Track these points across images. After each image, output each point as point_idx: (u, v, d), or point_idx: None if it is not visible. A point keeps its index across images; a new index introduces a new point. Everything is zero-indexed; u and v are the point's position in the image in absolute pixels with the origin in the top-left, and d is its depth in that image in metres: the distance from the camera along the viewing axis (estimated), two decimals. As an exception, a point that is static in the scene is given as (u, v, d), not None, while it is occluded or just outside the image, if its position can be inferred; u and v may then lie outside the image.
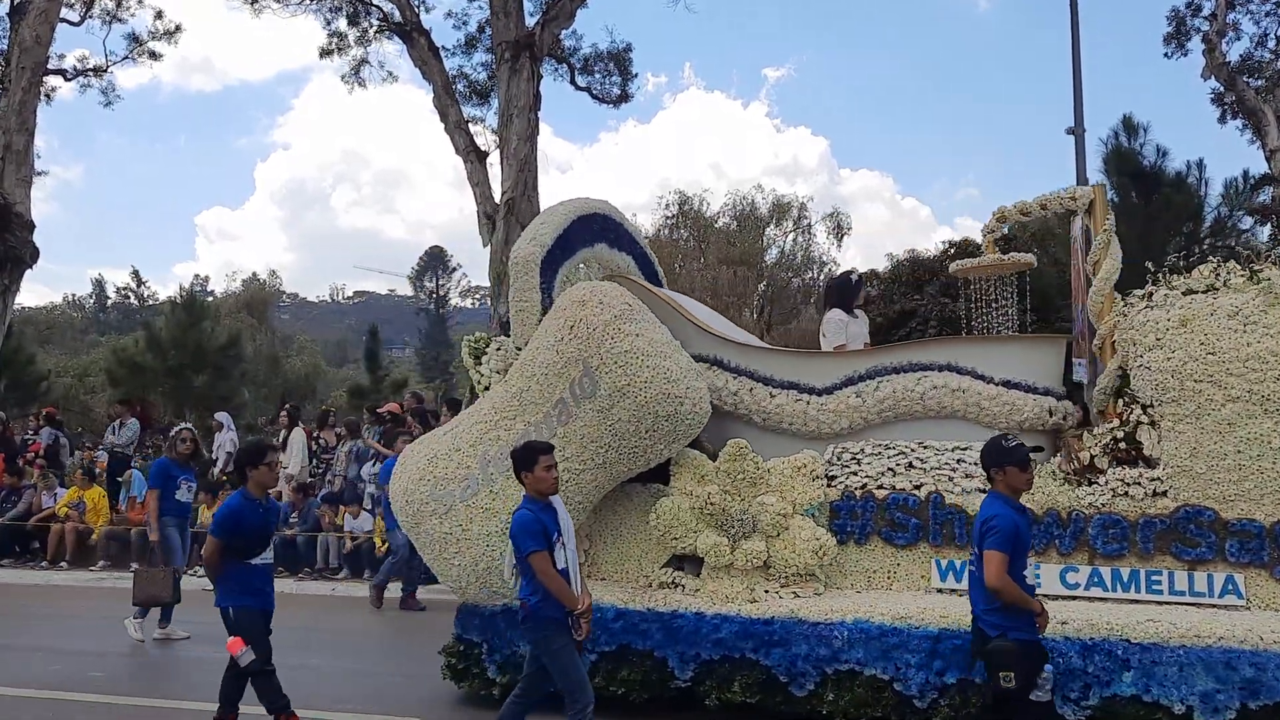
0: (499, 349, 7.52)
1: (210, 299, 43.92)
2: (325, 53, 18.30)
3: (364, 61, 18.57)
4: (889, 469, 6.96)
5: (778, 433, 7.19)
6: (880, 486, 6.91)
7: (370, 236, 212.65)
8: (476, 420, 7.12)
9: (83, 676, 8.10)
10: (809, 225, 31.12)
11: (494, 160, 15.51)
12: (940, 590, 6.65)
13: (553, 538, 5.43)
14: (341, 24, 18.23)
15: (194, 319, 25.09)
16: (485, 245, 15.16)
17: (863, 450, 7.05)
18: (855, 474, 7.00)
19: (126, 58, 20.90)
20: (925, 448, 6.98)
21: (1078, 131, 14.84)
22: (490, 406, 7.11)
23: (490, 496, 6.74)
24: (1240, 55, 22.64)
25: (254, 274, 51.38)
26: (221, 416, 17.06)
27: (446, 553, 6.83)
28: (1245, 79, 21.63)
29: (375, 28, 18.02)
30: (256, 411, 25.09)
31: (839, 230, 31.19)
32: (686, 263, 30.58)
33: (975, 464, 6.42)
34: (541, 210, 8.25)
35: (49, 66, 17.92)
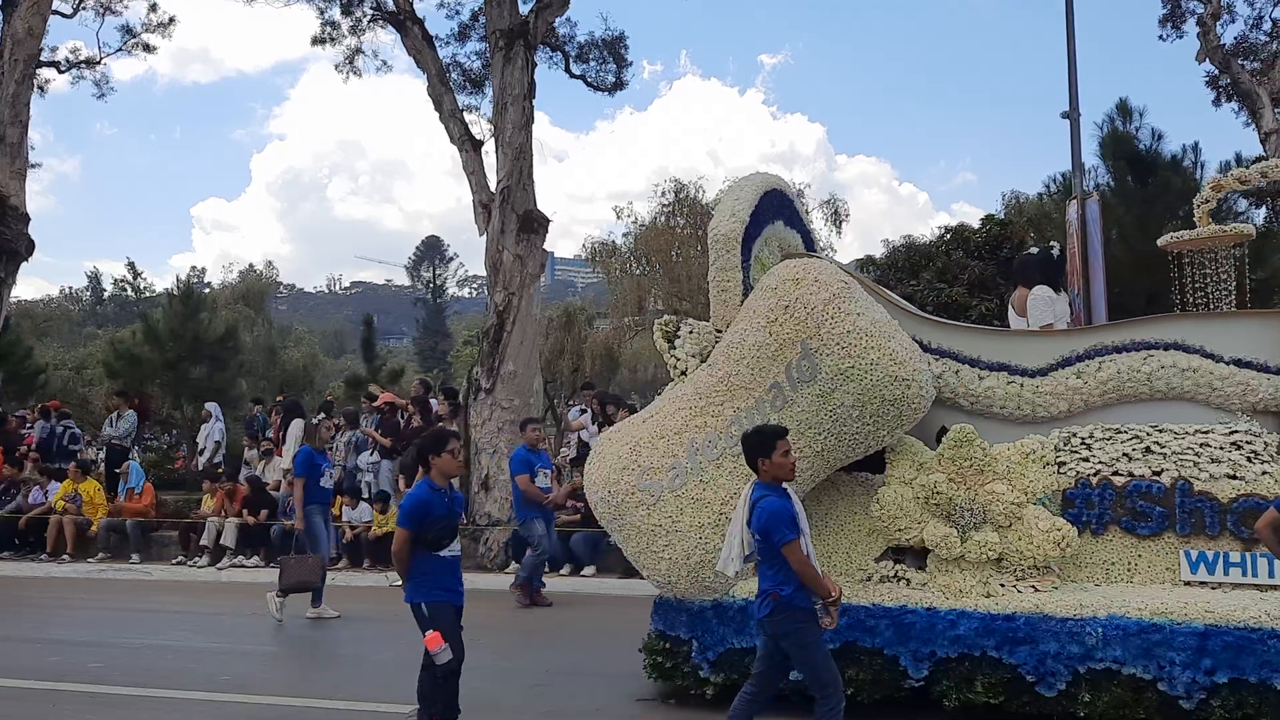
0: (692, 331, 7.15)
1: (207, 291, 43.85)
2: (318, 41, 18.22)
3: (358, 51, 18.51)
4: (1124, 454, 6.50)
5: (986, 417, 6.77)
6: (1116, 473, 6.47)
7: (367, 227, 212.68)
8: (679, 406, 6.75)
9: (82, 667, 8.13)
10: (806, 212, 31.06)
11: (489, 149, 15.47)
12: (1189, 583, 6.25)
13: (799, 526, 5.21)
14: (335, 13, 18.16)
15: (191, 311, 25.06)
16: (481, 234, 15.13)
17: (1092, 435, 6.62)
18: (1086, 460, 6.56)
19: (120, 50, 20.83)
20: (1162, 431, 6.53)
21: (1073, 116, 14.79)
22: (693, 391, 6.73)
23: (700, 486, 6.43)
24: (1235, 38, 22.61)
25: (250, 265, 51.32)
26: (211, 407, 17.08)
27: (655, 545, 6.49)
28: (1240, 61, 21.59)
29: (369, 17, 17.96)
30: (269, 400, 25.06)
31: (836, 217, 31.14)
32: (684, 250, 30.53)
33: (1221, 448, 6.28)
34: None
35: (42, 59, 17.85)
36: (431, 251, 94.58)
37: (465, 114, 16.35)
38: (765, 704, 5.41)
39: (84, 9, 19.75)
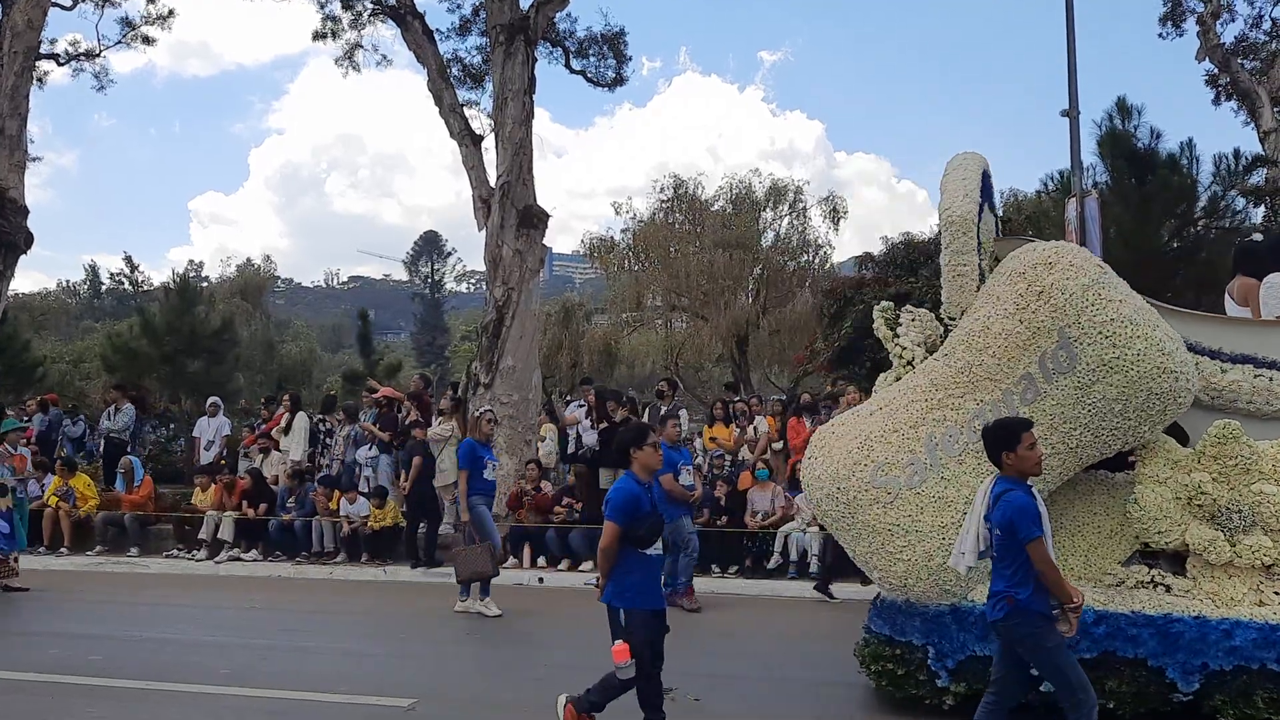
0: (914, 319, 6.88)
1: (205, 285, 43.81)
2: (319, 36, 18.20)
3: (358, 46, 18.48)
4: None
5: (1229, 412, 6.31)
6: None
7: (366, 222, 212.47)
8: (913, 398, 6.39)
9: (82, 660, 8.14)
10: (805, 209, 31.07)
11: (489, 144, 15.47)
12: None
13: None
14: (336, 7, 18.14)
15: (187, 305, 25.03)
16: (481, 229, 15.13)
17: None
18: None
19: (120, 42, 20.79)
20: None
21: (1072, 114, 14.78)
22: (928, 383, 6.38)
23: (941, 484, 6.13)
24: (1235, 37, 22.65)
25: (248, 259, 51.24)
26: (214, 401, 17.07)
27: (891, 546, 6.17)
28: (1240, 60, 21.62)
29: (369, 11, 17.93)
30: (253, 397, 25.07)
31: (835, 214, 31.12)
32: (682, 246, 30.52)
33: None
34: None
35: (41, 51, 17.82)
36: (430, 246, 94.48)
37: (465, 109, 16.36)
38: (1008, 712, 5.16)
39: (84, 1, 19.72)
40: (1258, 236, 9.18)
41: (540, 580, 12.27)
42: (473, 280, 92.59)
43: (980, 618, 5.93)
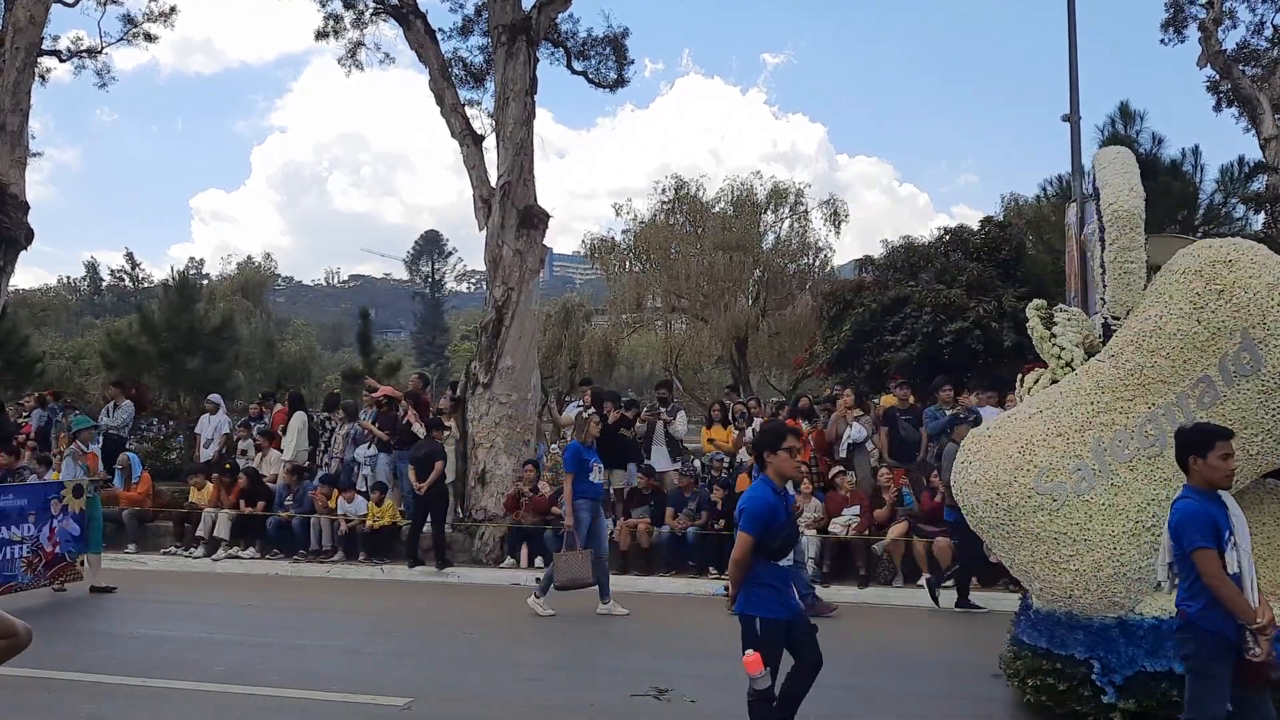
0: (1070, 318, 6.65)
1: (205, 282, 43.81)
2: (321, 35, 18.18)
3: (360, 44, 18.47)
4: None
5: None
6: None
7: (367, 220, 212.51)
8: (1077, 400, 6.13)
9: (77, 656, 8.12)
10: (806, 211, 31.04)
11: (490, 144, 15.46)
12: None
13: (1224, 536, 4.63)
14: (338, 6, 18.12)
15: (186, 301, 25.04)
16: (481, 229, 15.12)
17: None
18: None
19: (122, 39, 20.80)
20: None
21: (1073, 119, 14.79)
22: (1093, 385, 6.11)
23: (1111, 491, 5.87)
24: (1237, 43, 22.67)
25: (249, 257, 51.21)
26: (215, 399, 17.06)
27: (1057, 555, 5.92)
28: (1241, 67, 21.64)
29: (371, 10, 17.92)
30: (252, 395, 25.06)
31: (835, 217, 31.09)
32: (683, 247, 30.50)
33: None
34: (1107, 163, 6.93)
35: (43, 47, 17.82)
36: (430, 246, 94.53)
37: (467, 108, 16.34)
38: None
39: (86, -2, 19.71)
40: None
41: (537, 580, 12.25)
42: (473, 280, 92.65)
43: (1151, 631, 5.78)
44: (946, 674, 7.79)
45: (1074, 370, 6.44)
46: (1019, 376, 7.51)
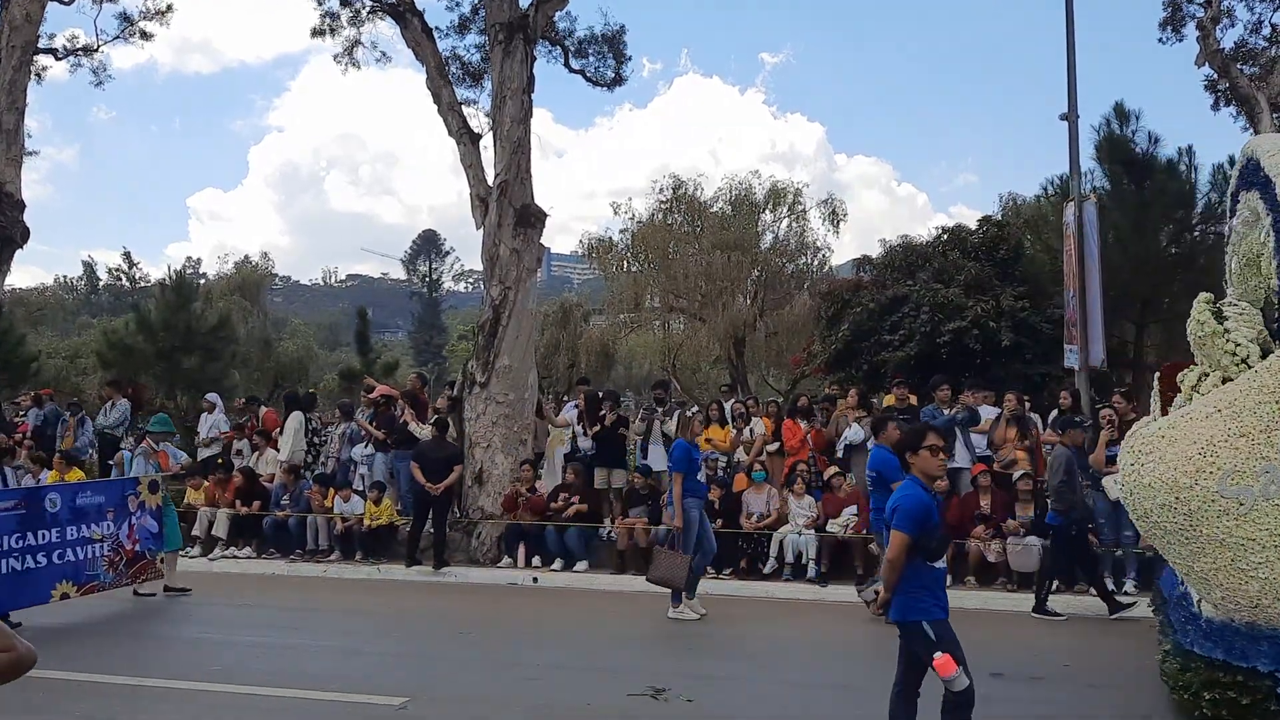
0: (1241, 313, 6.39)
1: (202, 281, 43.74)
2: (318, 33, 18.14)
3: (357, 43, 18.42)
4: None
5: None
6: None
7: (365, 220, 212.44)
8: (1260, 399, 5.83)
9: (73, 655, 8.10)
10: (804, 211, 31.02)
11: (487, 143, 15.43)
12: None
13: None
14: (335, 4, 18.08)
15: (183, 301, 24.97)
16: (478, 228, 15.09)
17: None
18: None
19: (118, 37, 20.73)
20: None
21: (1071, 118, 14.80)
22: (1277, 383, 5.80)
23: None
24: (1234, 42, 22.62)
25: (246, 256, 51.05)
26: (212, 398, 17.04)
27: (1244, 562, 5.66)
28: (1239, 66, 21.61)
29: (368, 8, 17.88)
30: (249, 394, 25.03)
31: (834, 217, 31.07)
32: (681, 247, 30.48)
33: None
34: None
35: (39, 45, 17.77)
36: (428, 245, 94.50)
37: (464, 107, 16.28)
38: None
39: (82, -4, 19.66)
40: None
41: (534, 580, 12.25)
42: (471, 280, 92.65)
43: None
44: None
45: (1250, 367, 6.14)
46: (1156, 375, 7.22)
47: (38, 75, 19.37)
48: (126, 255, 59.01)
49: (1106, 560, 10.60)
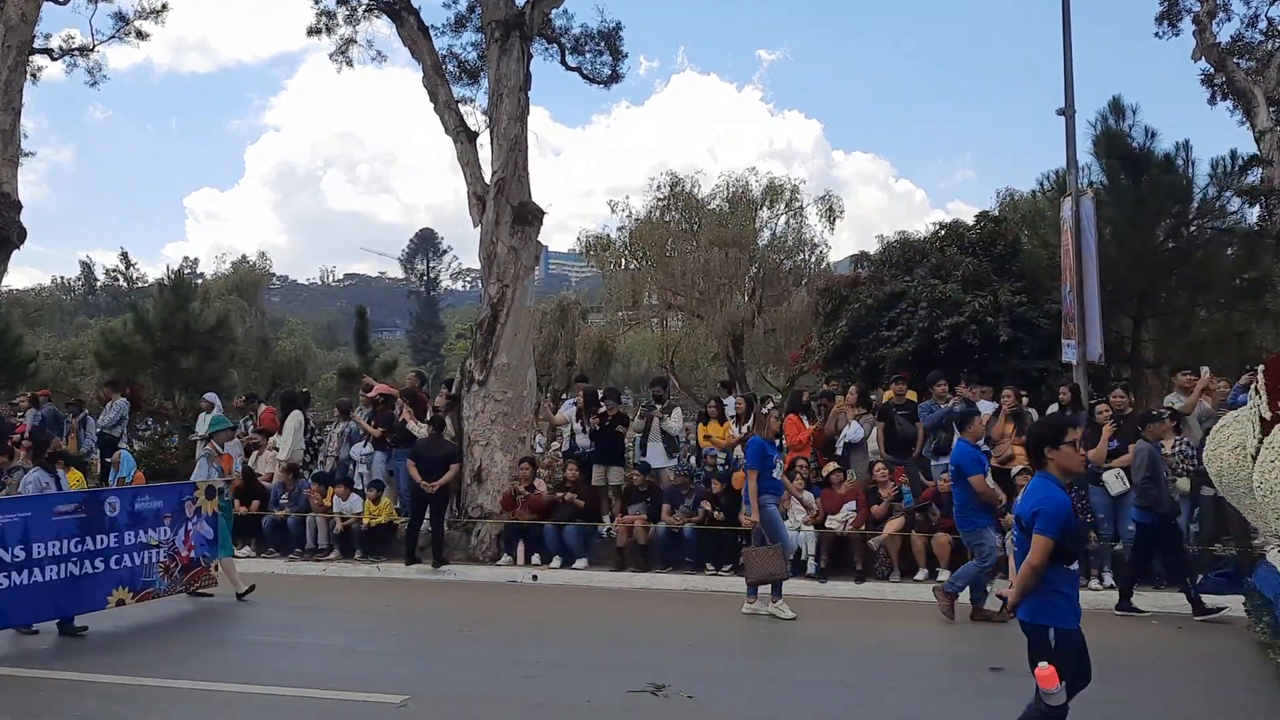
0: None
1: (200, 281, 43.71)
2: (313, 32, 18.10)
3: (352, 41, 18.39)
4: None
5: None
6: None
7: (363, 219, 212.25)
8: None
9: (69, 654, 8.10)
10: (801, 208, 31.04)
11: (484, 141, 15.41)
12: None
13: None
14: (330, 2, 18.04)
15: (181, 301, 24.98)
16: (476, 226, 15.08)
17: None
18: None
19: (113, 36, 20.69)
20: None
21: (1068, 113, 14.81)
22: None
23: None
24: (1231, 36, 22.64)
25: (243, 256, 51.01)
26: (210, 397, 17.03)
27: None
28: (1235, 60, 21.62)
29: (364, 6, 17.84)
30: (247, 392, 25.02)
31: (831, 213, 31.09)
32: (678, 244, 30.49)
33: None
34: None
35: (35, 45, 17.73)
36: (426, 244, 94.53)
37: (460, 105, 16.25)
38: None
39: (78, -4, 19.62)
40: None
41: (534, 578, 12.25)
42: (469, 278, 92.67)
43: None
44: (944, 668, 7.79)
45: None
46: (1260, 368, 7.17)
47: (33, 75, 19.34)
48: (124, 255, 59.01)
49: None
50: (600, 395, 14.24)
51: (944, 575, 11.14)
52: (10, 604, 8.29)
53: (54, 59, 20.42)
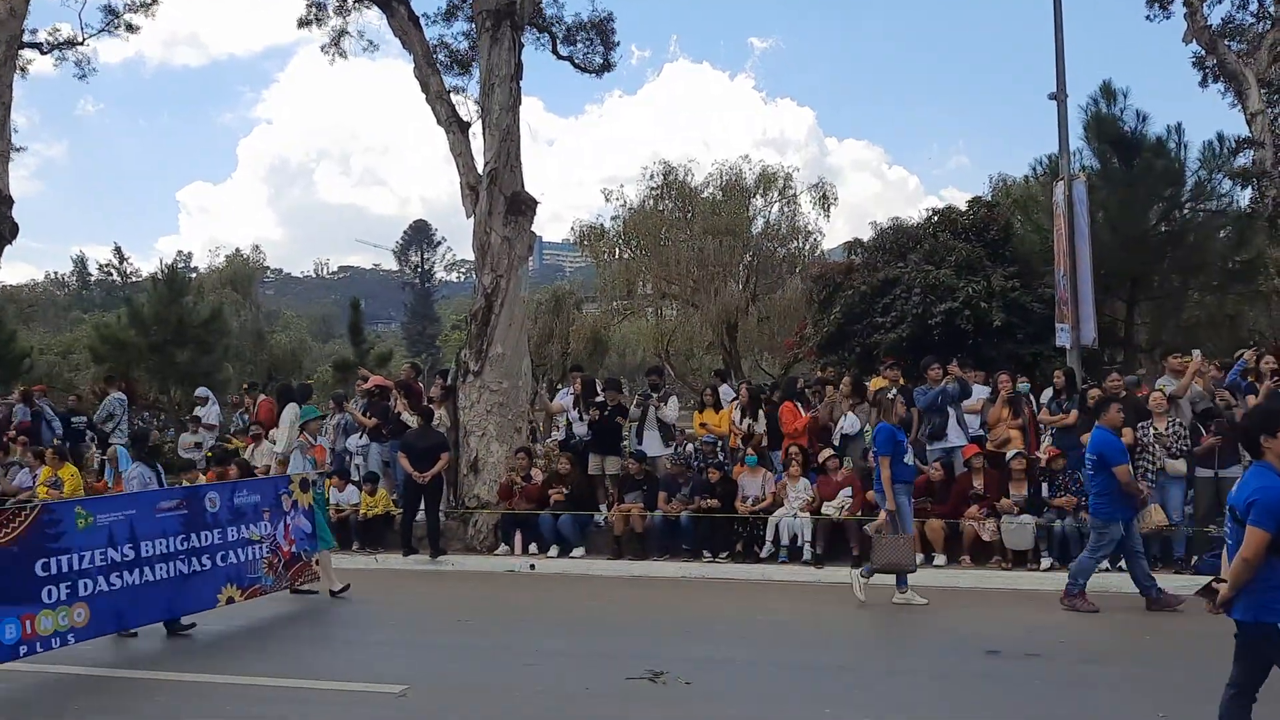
0: None
1: (193, 275, 43.61)
2: (304, 23, 18.07)
3: (343, 32, 18.36)
4: None
5: None
6: None
7: (356, 211, 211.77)
8: None
9: (68, 649, 8.11)
10: (794, 195, 30.98)
11: (476, 131, 15.39)
12: None
13: None
14: (321, -8, 18.00)
15: (175, 294, 24.89)
16: (469, 216, 15.06)
17: None
18: None
19: (103, 30, 20.61)
20: None
21: (1060, 97, 14.82)
22: None
23: None
24: (1222, 18, 22.63)
25: (237, 249, 50.87)
26: (203, 392, 17.03)
27: None
28: (1226, 42, 21.62)
29: (355, -4, 17.82)
30: (248, 382, 25.00)
31: (824, 201, 31.04)
32: (672, 233, 30.46)
33: None
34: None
35: (24, 40, 17.64)
36: (419, 236, 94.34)
37: (452, 95, 16.24)
38: None
39: (66, -12, 19.52)
40: None
41: (532, 567, 12.28)
42: (463, 269, 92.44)
43: None
44: (941, 653, 7.83)
45: None
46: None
47: (22, 70, 19.28)
48: (117, 250, 58.80)
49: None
50: (601, 385, 14.24)
51: (939, 560, 11.24)
52: (126, 605, 8.00)
53: (43, 53, 20.36)
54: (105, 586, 7.80)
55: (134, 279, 51.76)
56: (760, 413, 13.51)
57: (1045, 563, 10.79)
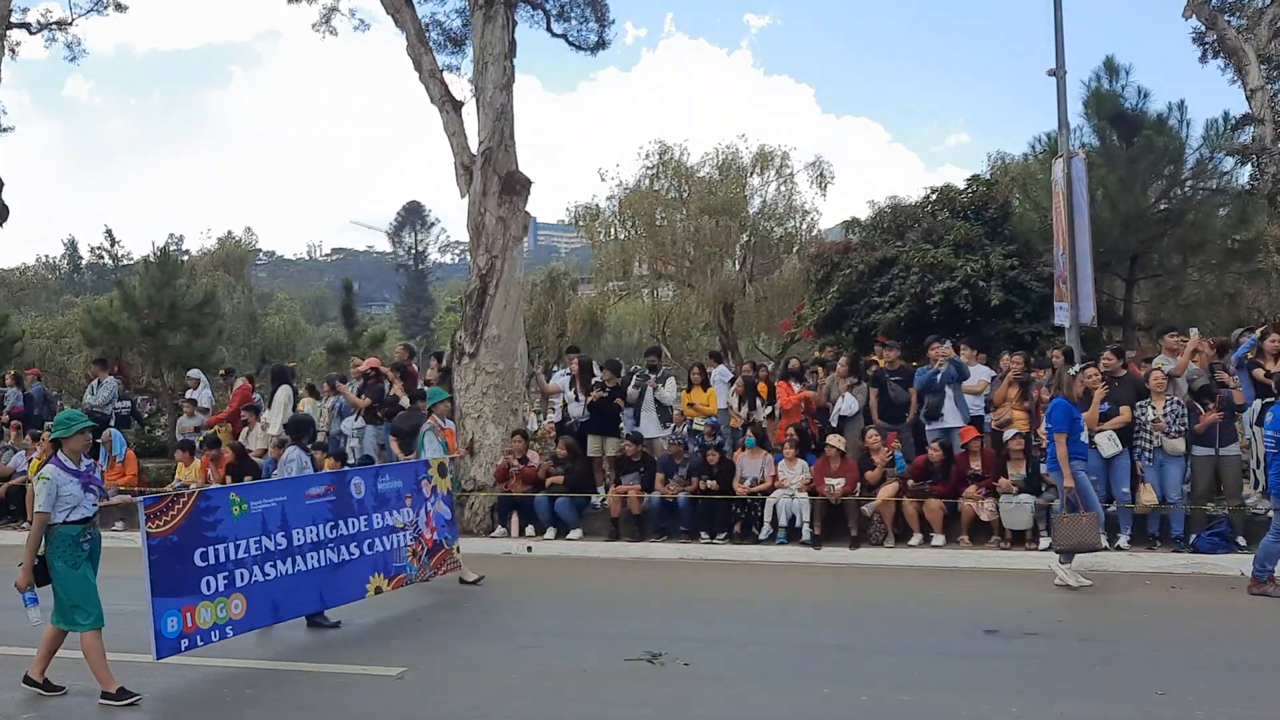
0: None
1: (185, 257, 43.35)
2: (295, 0, 17.91)
3: (335, 9, 18.18)
4: None
5: None
6: None
7: (350, 192, 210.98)
8: None
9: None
10: (791, 174, 30.79)
11: (470, 110, 15.23)
12: None
13: None
14: (311, -30, 17.79)
15: (168, 277, 24.69)
16: (463, 196, 14.94)
17: None
18: None
19: (92, 10, 20.39)
20: None
21: (1059, 73, 14.70)
22: None
23: None
24: (1222, -7, 22.50)
25: (229, 232, 50.57)
26: (195, 374, 16.95)
27: None
28: (1226, 18, 21.50)
29: (346, -26, 17.61)
30: (236, 370, 24.88)
31: (821, 179, 30.86)
32: (668, 213, 30.30)
33: None
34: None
35: (12, 20, 17.46)
36: (413, 217, 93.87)
37: (446, 74, 16.05)
38: None
39: (54, -32, 19.35)
40: None
41: (529, 549, 12.24)
42: (457, 251, 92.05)
43: None
44: (939, 632, 7.80)
45: None
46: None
47: (12, 51, 19.05)
48: (108, 233, 58.44)
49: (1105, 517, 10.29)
50: (601, 366, 14.15)
51: (938, 540, 11.20)
52: (281, 595, 7.70)
53: (32, 33, 20.11)
54: (260, 576, 7.55)
55: (126, 262, 51.46)
56: (758, 398, 13.46)
57: (1044, 542, 10.75)
